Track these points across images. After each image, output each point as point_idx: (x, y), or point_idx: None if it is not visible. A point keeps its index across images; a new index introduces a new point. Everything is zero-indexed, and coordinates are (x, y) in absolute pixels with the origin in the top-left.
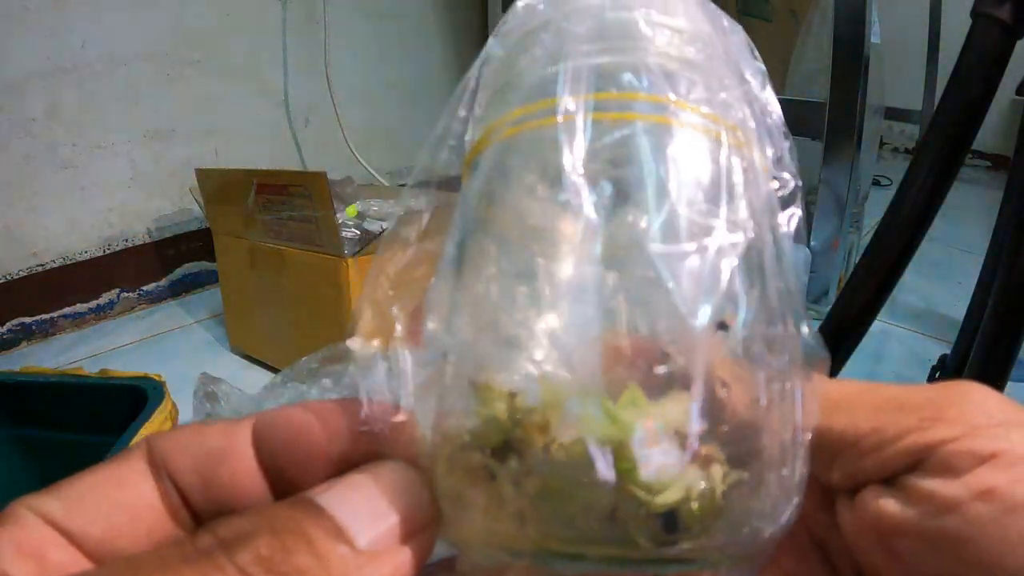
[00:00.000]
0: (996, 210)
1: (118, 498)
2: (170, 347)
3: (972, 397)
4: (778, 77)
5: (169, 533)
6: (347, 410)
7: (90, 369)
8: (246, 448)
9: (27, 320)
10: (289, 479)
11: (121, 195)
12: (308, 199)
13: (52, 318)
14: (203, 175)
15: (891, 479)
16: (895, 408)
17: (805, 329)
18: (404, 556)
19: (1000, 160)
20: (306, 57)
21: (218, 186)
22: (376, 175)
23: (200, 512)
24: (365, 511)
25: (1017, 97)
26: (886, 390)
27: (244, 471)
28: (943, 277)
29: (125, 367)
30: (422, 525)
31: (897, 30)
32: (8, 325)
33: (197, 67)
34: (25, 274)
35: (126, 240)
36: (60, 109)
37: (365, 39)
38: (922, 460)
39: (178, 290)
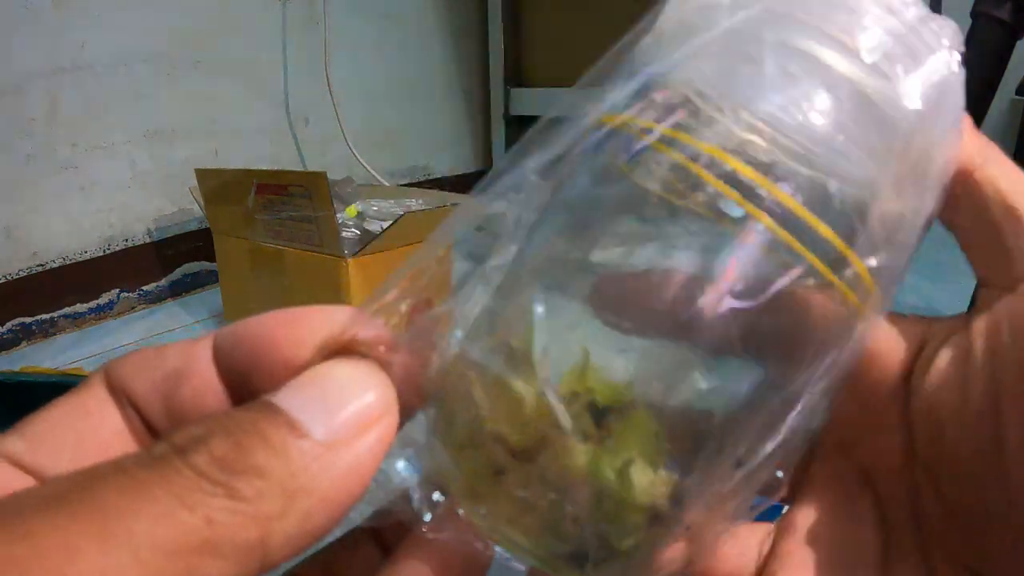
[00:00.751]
0: None
1: (82, 429)
2: None
3: None
4: None
5: None
6: (316, 319)
7: (90, 369)
8: (207, 365)
9: (27, 320)
10: (252, 393)
11: (121, 195)
12: (308, 199)
13: (52, 318)
14: (203, 175)
15: None
16: None
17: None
18: (364, 444)
19: None
20: (306, 57)
21: (218, 186)
22: (376, 175)
23: (163, 435)
24: (320, 404)
25: (1017, 97)
26: None
27: (206, 389)
28: (943, 277)
29: None
30: (380, 413)
31: None
32: (8, 325)
33: (197, 67)
34: (25, 274)
35: (126, 240)
36: (60, 109)
37: (365, 39)
38: None
39: (178, 290)
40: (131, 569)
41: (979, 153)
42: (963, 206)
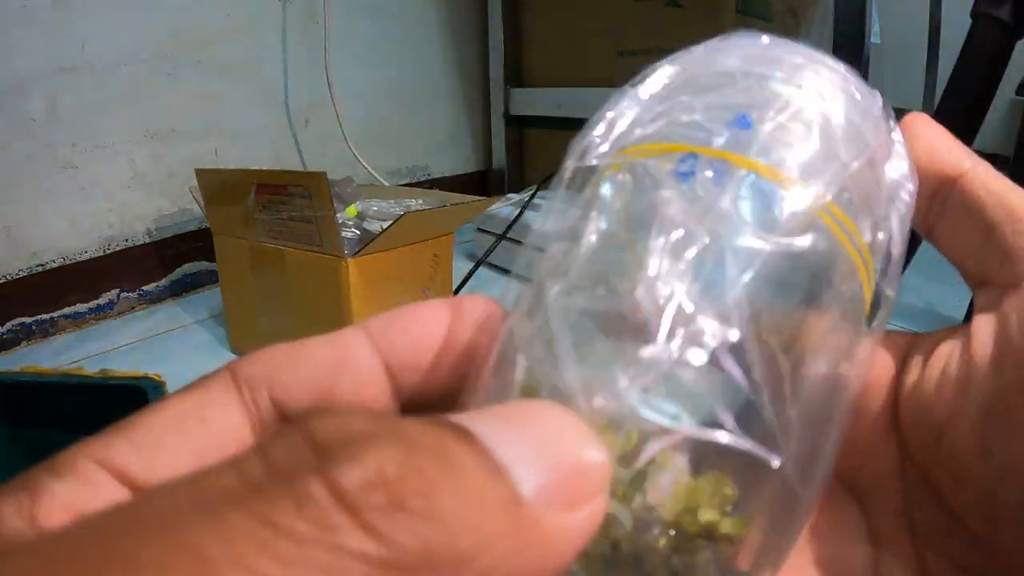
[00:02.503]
0: None
1: (201, 435)
2: (170, 347)
3: None
4: None
5: None
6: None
7: (90, 369)
8: (368, 355)
9: (27, 320)
10: (423, 386)
11: (121, 195)
12: (308, 199)
13: (52, 318)
14: (203, 175)
15: None
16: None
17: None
18: (577, 520)
19: (1000, 160)
20: (306, 57)
21: (218, 186)
22: (376, 175)
23: None
24: (530, 451)
25: (1017, 97)
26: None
27: (369, 380)
28: (943, 277)
29: (125, 367)
30: (595, 489)
31: (897, 30)
32: (8, 325)
33: (197, 67)
34: (25, 274)
35: (126, 240)
36: (60, 109)
37: (365, 39)
38: None
39: (178, 290)
40: None
41: (967, 158)
42: (951, 211)
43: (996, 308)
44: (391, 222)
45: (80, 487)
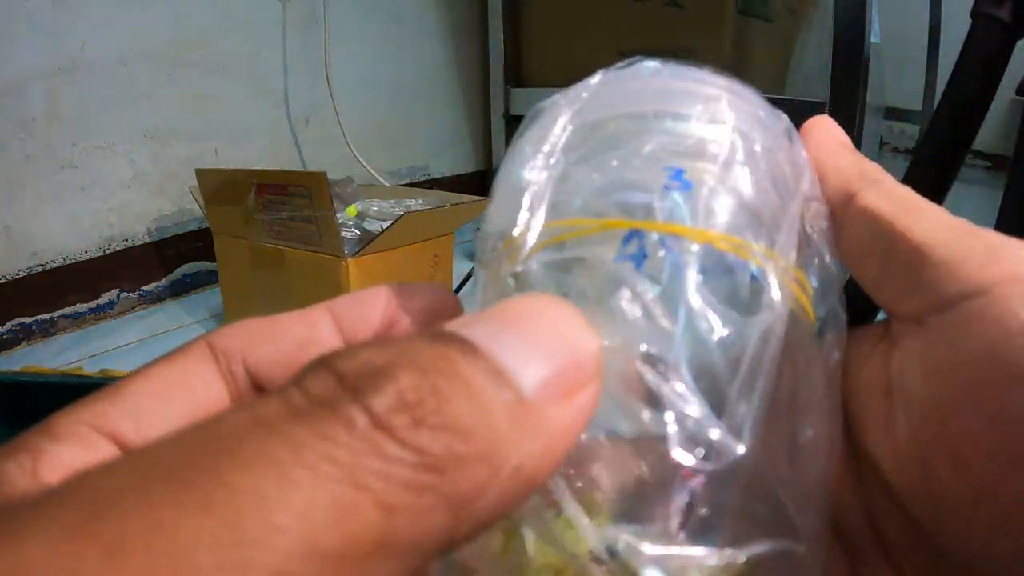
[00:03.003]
0: (996, 210)
1: (186, 401)
2: (170, 347)
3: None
4: (778, 77)
5: None
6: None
7: (90, 369)
8: (331, 333)
9: (27, 320)
10: None
11: (121, 195)
12: (308, 199)
13: (52, 318)
14: (203, 175)
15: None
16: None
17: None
18: (575, 408)
19: (1000, 160)
20: (306, 57)
21: (218, 186)
22: (376, 175)
23: None
24: (527, 351)
25: (1017, 97)
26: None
27: None
28: None
29: (125, 367)
30: (590, 376)
31: (897, 30)
32: (8, 325)
33: (197, 67)
34: (25, 274)
35: (126, 240)
36: (60, 109)
37: (365, 39)
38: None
39: (178, 290)
40: None
41: (860, 177)
42: (849, 235)
43: (903, 349)
44: (391, 222)
45: (79, 449)
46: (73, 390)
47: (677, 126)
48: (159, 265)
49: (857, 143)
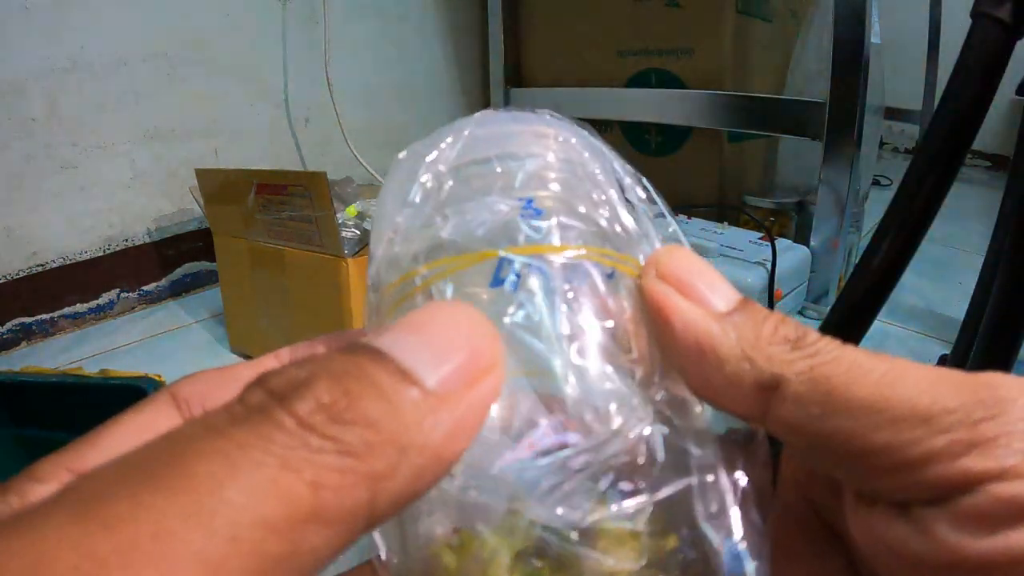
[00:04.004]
0: (996, 210)
1: None
2: (170, 347)
3: (1013, 410)
4: (778, 77)
5: None
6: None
7: (90, 369)
8: None
9: (27, 320)
10: None
11: (121, 195)
12: (308, 199)
13: (52, 318)
14: (203, 175)
15: (907, 506)
16: (918, 420)
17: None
18: (476, 396)
19: (1000, 160)
20: (306, 57)
21: (218, 186)
22: (376, 175)
23: None
24: (429, 349)
25: (1017, 97)
26: (905, 385)
27: None
28: (943, 277)
29: (125, 367)
30: (489, 365)
31: (897, 30)
32: (8, 325)
33: (197, 67)
34: (25, 274)
35: (126, 240)
36: (60, 109)
37: (365, 39)
38: (948, 496)
39: (178, 290)
40: (231, 552)
41: (782, 358)
42: (788, 414)
43: (871, 526)
44: None
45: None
46: (73, 390)
47: (520, 164)
48: (159, 265)
49: (857, 143)
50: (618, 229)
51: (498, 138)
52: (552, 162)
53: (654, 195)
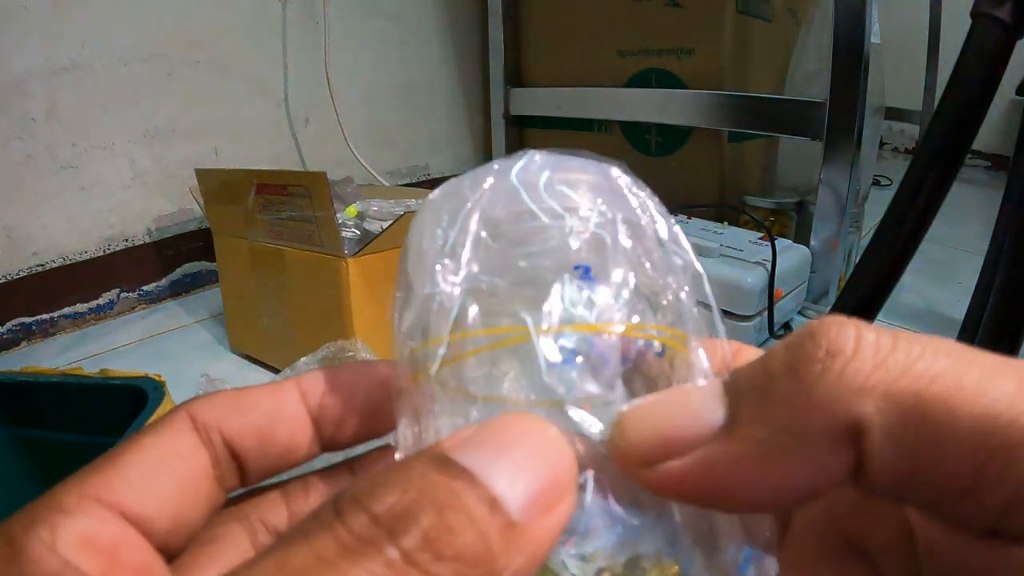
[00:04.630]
0: (996, 210)
1: (180, 472)
2: (170, 347)
3: None
4: (778, 77)
5: (218, 500)
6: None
7: (90, 369)
8: (297, 407)
9: (27, 320)
10: (336, 435)
11: (121, 195)
12: (308, 199)
13: (52, 318)
14: (203, 175)
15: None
16: (1005, 424)
17: None
18: (551, 523)
19: (1000, 160)
20: (306, 57)
21: (218, 186)
22: (376, 175)
23: (250, 473)
24: (515, 477)
25: (1017, 97)
26: (1004, 390)
27: (298, 428)
28: (943, 277)
29: (125, 367)
30: (565, 491)
31: (897, 30)
32: (8, 325)
33: (197, 67)
34: (25, 274)
35: (126, 240)
36: (60, 109)
37: (365, 39)
38: None
39: (178, 290)
40: None
41: (856, 395)
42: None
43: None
44: (391, 222)
45: (90, 521)
46: (73, 390)
47: (572, 221)
48: (159, 265)
49: (857, 143)
50: (665, 302)
51: (548, 187)
52: (604, 221)
53: (681, 238)
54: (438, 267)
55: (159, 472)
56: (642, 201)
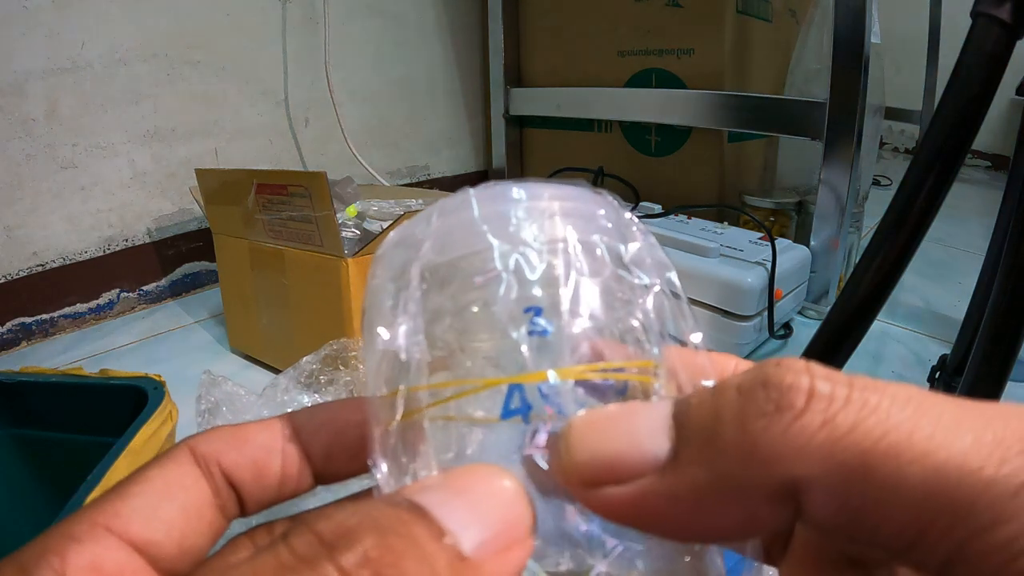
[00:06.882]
0: (996, 210)
1: (184, 502)
2: (170, 347)
3: None
4: (778, 77)
5: (221, 527)
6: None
7: (90, 369)
8: (288, 441)
9: (27, 320)
10: (327, 469)
11: (121, 195)
12: (308, 199)
13: (52, 318)
14: (203, 175)
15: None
16: (985, 501)
17: None
18: (507, 565)
19: (1000, 160)
20: (306, 57)
21: (218, 186)
22: (376, 175)
23: (248, 504)
24: (469, 516)
25: (1017, 97)
26: (960, 443)
27: (292, 463)
28: (943, 277)
29: (125, 367)
30: (520, 539)
31: (897, 30)
32: (8, 325)
33: (197, 67)
34: (25, 274)
35: (126, 240)
36: (60, 109)
37: (365, 39)
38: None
39: (178, 290)
40: None
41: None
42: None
43: None
44: (391, 222)
45: (99, 549)
46: (73, 390)
47: (522, 257)
48: (159, 265)
49: (857, 143)
50: (634, 323)
51: (496, 219)
52: (560, 251)
53: (659, 252)
54: (388, 323)
55: (164, 500)
56: (591, 216)
